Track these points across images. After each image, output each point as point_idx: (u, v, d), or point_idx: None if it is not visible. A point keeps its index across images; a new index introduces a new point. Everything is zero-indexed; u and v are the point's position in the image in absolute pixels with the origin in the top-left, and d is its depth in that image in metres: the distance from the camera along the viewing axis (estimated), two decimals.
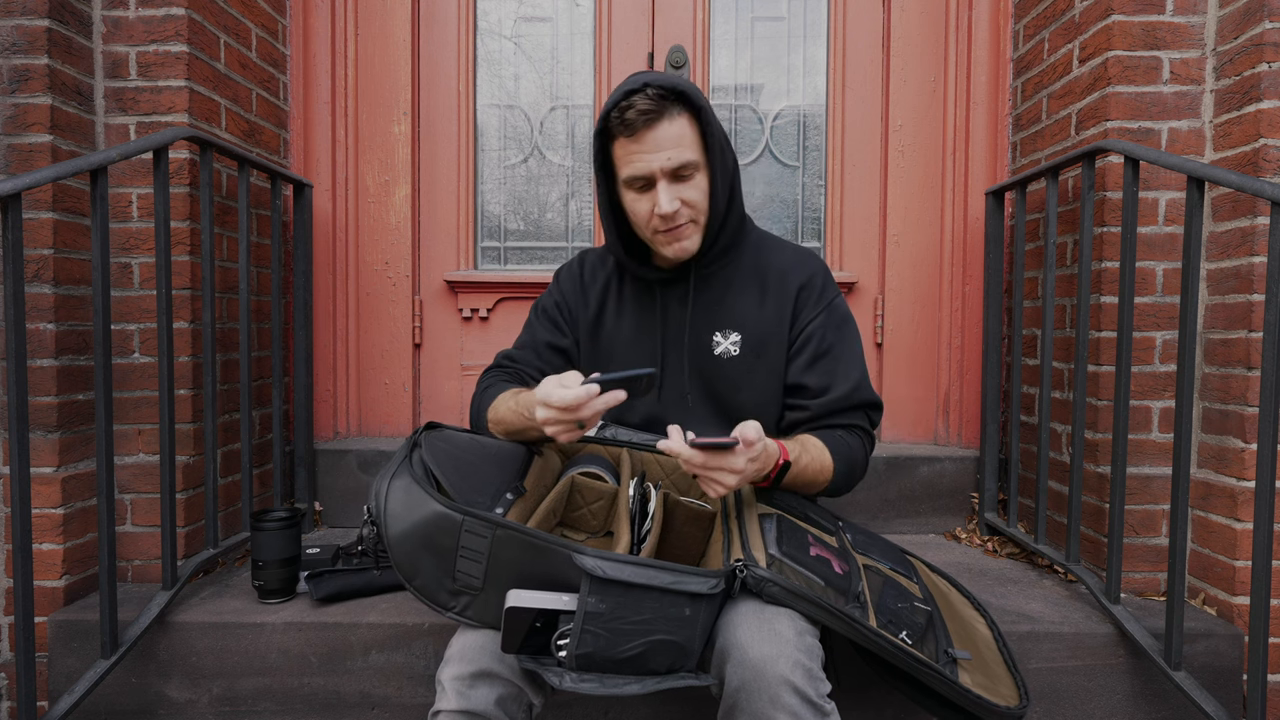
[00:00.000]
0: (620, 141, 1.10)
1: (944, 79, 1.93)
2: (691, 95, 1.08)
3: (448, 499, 0.91)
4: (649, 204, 1.11)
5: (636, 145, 1.08)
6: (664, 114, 1.06)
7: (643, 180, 1.10)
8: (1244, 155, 1.36)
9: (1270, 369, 1.04)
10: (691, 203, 1.11)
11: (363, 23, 1.94)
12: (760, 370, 1.20)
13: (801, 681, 0.84)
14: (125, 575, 1.50)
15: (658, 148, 1.07)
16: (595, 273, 1.29)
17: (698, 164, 1.10)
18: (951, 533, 1.82)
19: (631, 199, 1.13)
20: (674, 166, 1.08)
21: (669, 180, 1.09)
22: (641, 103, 1.05)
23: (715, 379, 1.20)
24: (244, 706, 1.31)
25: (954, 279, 1.94)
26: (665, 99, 1.06)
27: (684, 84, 1.08)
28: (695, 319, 1.21)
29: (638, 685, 0.84)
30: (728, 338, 1.20)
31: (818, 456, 1.12)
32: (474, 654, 0.91)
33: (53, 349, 1.37)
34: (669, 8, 1.95)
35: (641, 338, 1.23)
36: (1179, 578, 1.20)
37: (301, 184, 1.78)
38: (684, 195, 1.10)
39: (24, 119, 1.36)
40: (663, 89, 1.06)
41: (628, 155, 1.09)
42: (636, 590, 0.84)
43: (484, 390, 1.21)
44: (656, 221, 1.11)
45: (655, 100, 1.05)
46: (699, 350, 1.21)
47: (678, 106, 1.07)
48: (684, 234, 1.13)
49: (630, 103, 1.05)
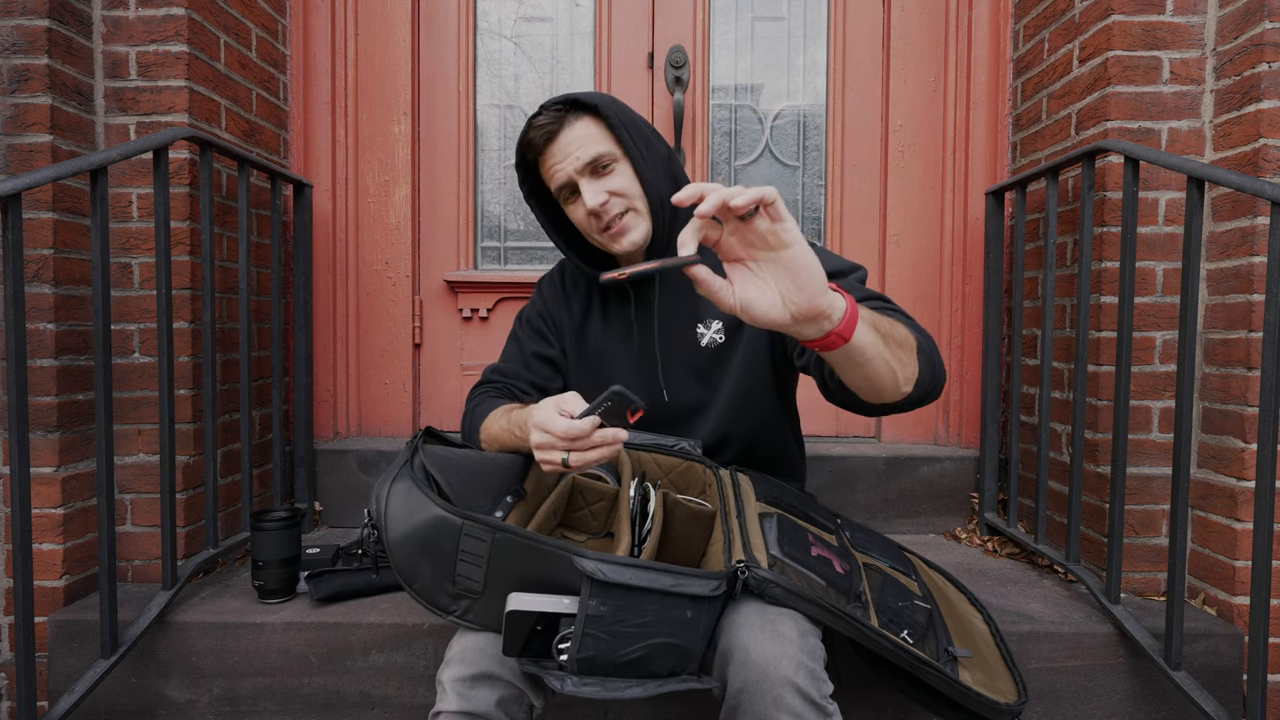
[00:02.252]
0: (540, 165, 1.17)
1: (944, 79, 1.93)
2: (584, 99, 1.13)
3: (448, 503, 0.91)
4: (583, 207, 1.14)
5: (550, 159, 1.14)
6: (562, 123, 1.12)
7: (568, 187, 1.15)
8: (1244, 155, 1.36)
9: (1270, 369, 1.04)
10: (620, 190, 1.13)
11: (363, 23, 1.94)
12: (747, 350, 1.19)
13: (804, 682, 0.84)
14: (125, 575, 1.50)
15: (566, 153, 1.12)
16: (576, 280, 1.30)
17: (612, 154, 1.13)
18: (951, 533, 1.82)
19: (571, 210, 1.18)
20: (585, 162, 1.12)
21: (589, 177, 1.13)
22: (539, 121, 1.13)
23: (705, 369, 1.21)
24: (244, 706, 1.30)
25: (954, 279, 1.94)
26: (560, 110, 1.12)
27: (578, 94, 1.13)
28: (674, 313, 1.21)
29: (640, 689, 0.84)
30: (710, 326, 1.20)
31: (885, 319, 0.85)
32: (474, 656, 0.91)
33: (53, 349, 1.37)
34: (669, 8, 1.95)
35: (627, 342, 1.24)
36: (1179, 578, 1.20)
37: (301, 184, 1.78)
38: (609, 186, 1.13)
39: (24, 119, 1.36)
40: (557, 104, 1.13)
41: (548, 172, 1.16)
42: (638, 593, 0.83)
43: (474, 409, 1.20)
44: (592, 221, 1.14)
45: (550, 115, 1.12)
46: (684, 343, 1.21)
47: (574, 113, 1.13)
48: (625, 226, 1.14)
49: (530, 124, 1.14)
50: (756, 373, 1.20)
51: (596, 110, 1.12)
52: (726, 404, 1.20)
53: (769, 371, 1.20)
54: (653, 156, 1.15)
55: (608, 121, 1.12)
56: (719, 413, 1.21)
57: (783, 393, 1.24)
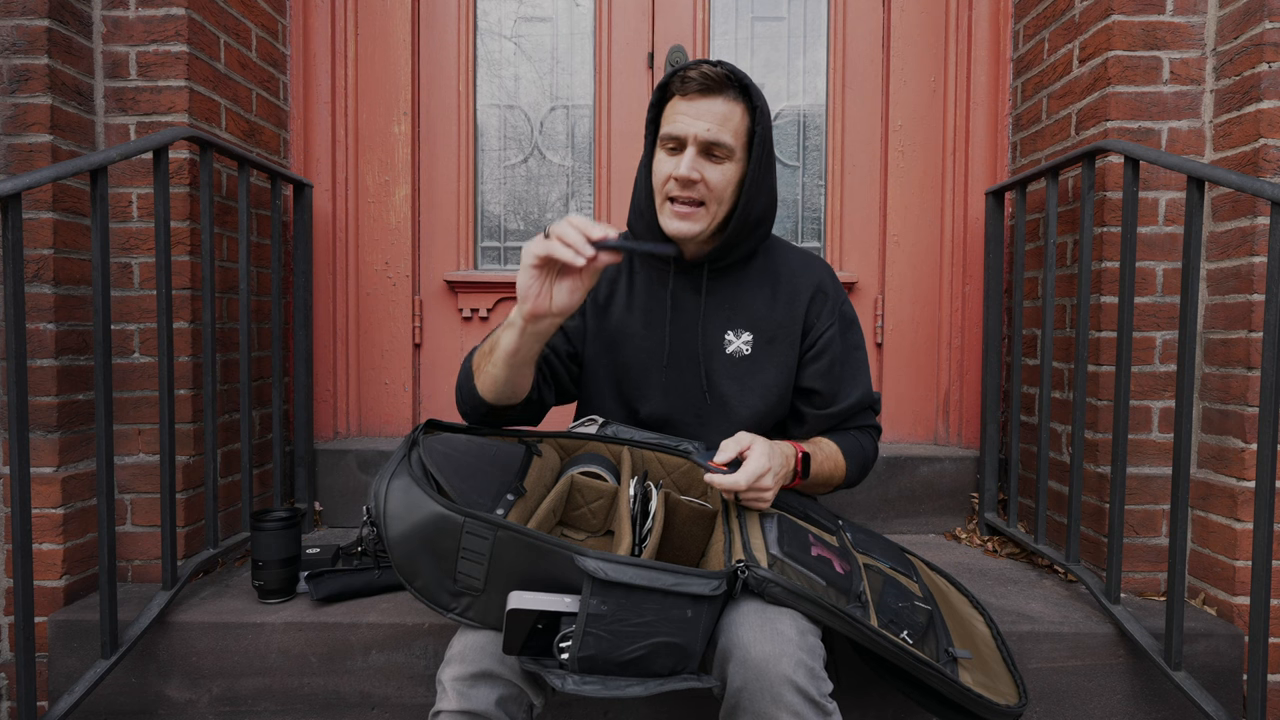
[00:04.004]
0: (674, 101, 1.11)
1: (944, 79, 1.93)
2: (752, 91, 1.10)
3: (448, 500, 0.91)
4: (671, 167, 1.11)
5: (685, 105, 1.09)
6: (721, 90, 1.08)
7: (676, 141, 1.11)
8: (1244, 155, 1.36)
9: (1270, 369, 1.04)
10: (710, 184, 1.10)
11: (363, 23, 1.94)
12: (770, 370, 1.20)
13: (804, 681, 0.84)
14: (125, 575, 1.50)
15: (702, 115, 1.08)
16: None
17: (733, 151, 1.10)
18: (951, 533, 1.82)
19: (660, 158, 1.14)
20: (709, 140, 1.08)
21: (699, 152, 1.09)
22: (706, 69, 1.08)
23: (726, 377, 1.20)
24: (244, 706, 1.30)
25: (954, 279, 1.94)
26: (729, 79, 1.09)
27: (750, 81, 1.11)
28: (708, 315, 1.21)
29: (640, 687, 0.84)
30: (740, 337, 1.20)
31: (831, 454, 1.18)
32: (474, 654, 0.91)
33: (53, 349, 1.37)
34: (669, 8, 1.95)
35: (652, 329, 1.22)
36: (1179, 578, 1.20)
37: (301, 184, 1.78)
38: (707, 173, 1.10)
39: (24, 119, 1.36)
40: (730, 72, 1.09)
41: (673, 114, 1.11)
42: (638, 592, 0.83)
43: (466, 356, 1.18)
44: (672, 185, 1.11)
45: (718, 74, 1.08)
46: (711, 348, 1.21)
47: (736, 92, 1.10)
48: (692, 215, 1.12)
49: (696, 66, 1.09)
50: (774, 394, 1.21)
51: (754, 109, 1.10)
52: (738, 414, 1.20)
53: (786, 397, 1.22)
54: (759, 178, 1.13)
55: (752, 123, 1.11)
56: (732, 421, 1.21)
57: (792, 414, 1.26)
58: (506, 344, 1.04)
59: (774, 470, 1.02)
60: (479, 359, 1.12)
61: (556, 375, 1.21)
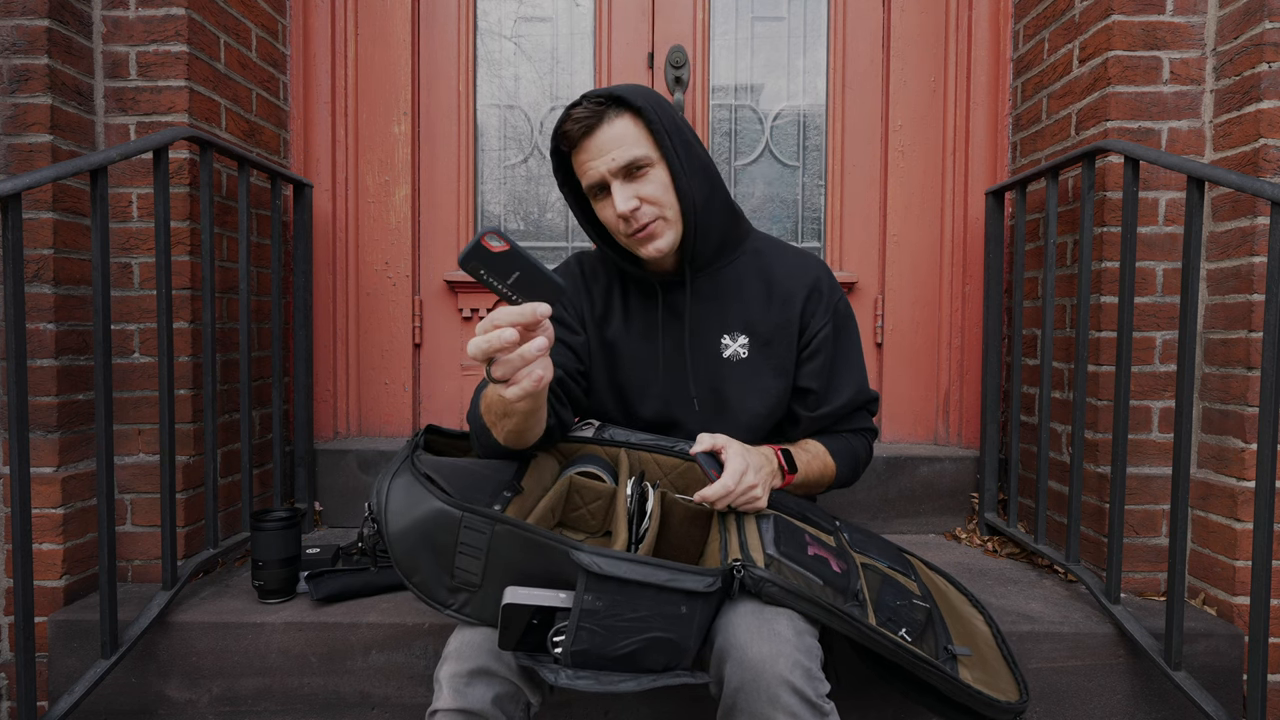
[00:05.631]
0: (573, 157, 1.13)
1: (944, 79, 1.93)
2: (629, 97, 1.08)
3: (447, 495, 0.92)
4: (612, 209, 1.11)
5: (584, 155, 1.10)
6: (601, 119, 1.08)
7: (599, 186, 1.11)
8: (1244, 155, 1.36)
9: (1270, 369, 1.04)
10: (652, 199, 1.10)
11: (363, 23, 1.94)
12: (768, 372, 1.20)
13: (800, 681, 0.84)
14: (125, 575, 1.50)
15: (601, 152, 1.09)
16: (595, 273, 1.28)
17: (649, 159, 1.09)
18: (951, 533, 1.82)
19: (599, 209, 1.15)
20: (620, 165, 1.08)
21: (621, 180, 1.09)
22: (577, 113, 1.08)
23: (724, 381, 1.20)
24: (244, 706, 1.31)
25: (954, 279, 1.94)
26: (601, 105, 1.08)
27: (622, 89, 1.09)
28: (701, 321, 1.20)
29: (633, 683, 0.84)
30: (736, 340, 1.20)
31: (818, 454, 1.19)
32: (471, 652, 0.91)
33: (53, 349, 1.37)
34: (669, 8, 1.95)
35: (649, 341, 1.22)
36: (1179, 578, 1.20)
37: (301, 184, 1.78)
38: (641, 192, 1.09)
39: (24, 119, 1.36)
40: (599, 97, 1.09)
41: (580, 167, 1.12)
42: (632, 587, 0.84)
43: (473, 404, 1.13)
44: (622, 224, 1.11)
45: (590, 109, 1.08)
46: (707, 353, 1.20)
47: (615, 109, 1.09)
48: (655, 232, 1.11)
49: (567, 115, 1.09)
50: (772, 395, 1.20)
51: (639, 110, 1.08)
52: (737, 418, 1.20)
53: (784, 398, 1.22)
54: (692, 162, 1.12)
55: (649, 123, 1.09)
56: (732, 424, 1.20)
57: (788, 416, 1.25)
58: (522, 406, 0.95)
59: (753, 467, 1.02)
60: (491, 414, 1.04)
61: (571, 395, 1.19)
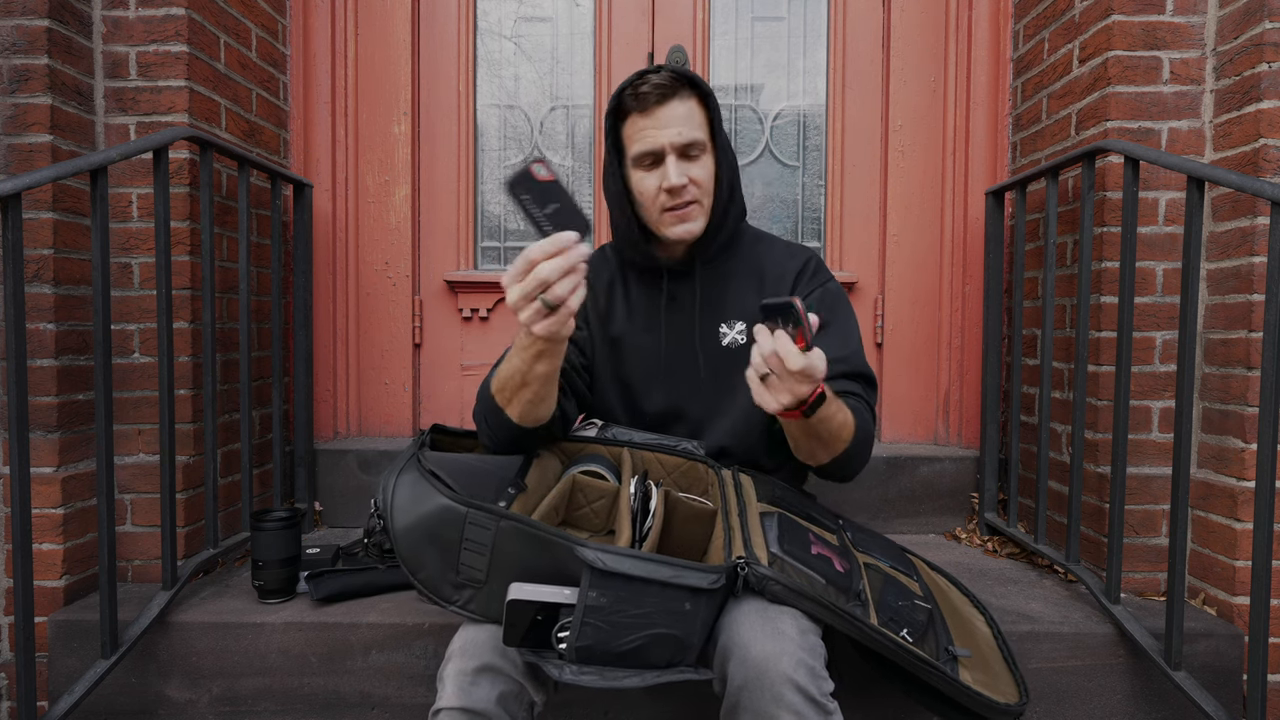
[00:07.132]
0: (632, 119, 1.14)
1: (944, 79, 1.93)
2: (700, 83, 1.14)
3: (453, 492, 0.92)
4: (657, 180, 1.14)
5: (648, 120, 1.12)
6: (676, 93, 1.12)
7: (652, 156, 1.14)
8: (1244, 155, 1.36)
9: (1270, 369, 1.04)
10: (698, 181, 1.15)
11: (363, 23, 1.94)
12: None
13: (804, 679, 0.84)
14: (125, 575, 1.50)
15: (668, 123, 1.12)
16: (598, 270, 1.29)
17: (705, 145, 1.15)
18: (951, 533, 1.82)
19: (639, 177, 1.16)
20: (684, 142, 1.12)
21: (677, 157, 1.13)
22: (655, 79, 1.11)
23: (725, 369, 1.21)
24: (244, 706, 1.30)
25: (954, 279, 1.94)
26: (677, 80, 1.12)
27: (693, 73, 1.15)
28: (703, 310, 1.22)
29: (637, 678, 0.84)
30: (733, 328, 1.22)
31: (842, 407, 1.07)
32: (476, 649, 0.91)
33: (53, 349, 1.37)
34: (669, 8, 1.95)
35: (650, 330, 1.24)
36: (1179, 578, 1.20)
37: (301, 184, 1.78)
38: (691, 173, 1.14)
39: (24, 119, 1.36)
40: (674, 72, 1.13)
41: (639, 131, 1.13)
42: (637, 583, 0.84)
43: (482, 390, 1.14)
44: (664, 197, 1.14)
45: (668, 79, 1.11)
46: (708, 341, 1.22)
47: (687, 89, 1.13)
48: (690, 214, 1.15)
49: (644, 79, 1.12)
50: None
51: (705, 97, 1.14)
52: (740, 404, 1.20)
53: None
54: (727, 162, 1.18)
55: (710, 112, 1.14)
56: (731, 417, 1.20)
57: None
58: (542, 369, 1.00)
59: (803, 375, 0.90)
60: (505, 392, 1.05)
61: (574, 388, 1.21)
